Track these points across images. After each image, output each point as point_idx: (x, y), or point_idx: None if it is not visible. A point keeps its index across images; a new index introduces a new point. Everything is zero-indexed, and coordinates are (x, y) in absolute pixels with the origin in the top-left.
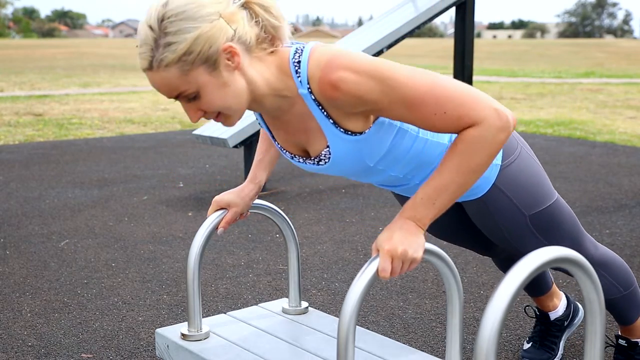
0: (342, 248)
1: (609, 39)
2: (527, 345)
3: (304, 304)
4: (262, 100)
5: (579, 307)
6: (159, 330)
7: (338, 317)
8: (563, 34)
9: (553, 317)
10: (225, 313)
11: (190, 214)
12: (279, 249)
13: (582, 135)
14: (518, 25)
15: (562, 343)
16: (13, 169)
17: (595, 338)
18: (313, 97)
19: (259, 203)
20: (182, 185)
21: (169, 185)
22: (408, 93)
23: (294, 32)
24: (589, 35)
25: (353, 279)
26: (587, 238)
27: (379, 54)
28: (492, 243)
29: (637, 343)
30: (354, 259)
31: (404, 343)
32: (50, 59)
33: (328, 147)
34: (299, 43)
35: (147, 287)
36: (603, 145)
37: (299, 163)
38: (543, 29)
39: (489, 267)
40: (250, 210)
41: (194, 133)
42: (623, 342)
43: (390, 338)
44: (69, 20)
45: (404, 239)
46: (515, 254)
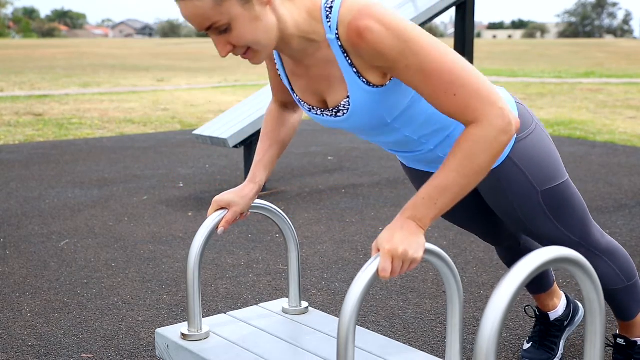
0: (342, 248)
1: (609, 39)
2: (527, 345)
3: (304, 304)
4: (289, 41)
5: (579, 306)
6: (159, 330)
7: (338, 317)
8: (563, 34)
9: (553, 317)
10: (225, 313)
11: (190, 214)
12: (279, 249)
13: (582, 135)
14: (518, 25)
15: (562, 343)
16: (13, 169)
17: (595, 338)
18: (340, 43)
19: (259, 203)
20: (182, 185)
21: (169, 185)
22: (427, 62)
23: None
24: (589, 35)
25: (353, 279)
26: (594, 224)
27: None
28: (502, 230)
29: (636, 342)
30: (354, 259)
31: (404, 343)
32: (50, 59)
33: (348, 97)
34: None
35: (147, 287)
36: (603, 145)
37: (316, 116)
38: (543, 29)
39: (489, 267)
40: (250, 210)
41: (194, 133)
42: (621, 341)
43: (390, 338)
44: (69, 20)
45: (405, 239)
46: (524, 241)
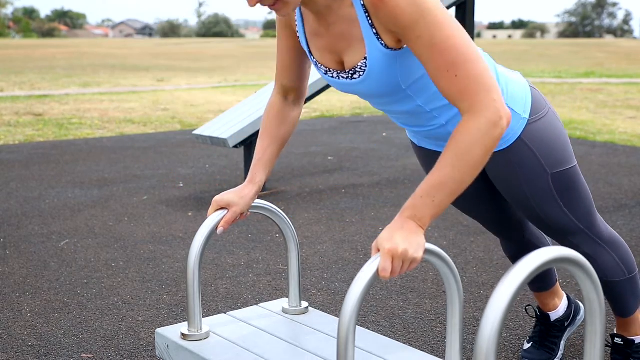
0: (342, 248)
1: (609, 39)
2: (527, 345)
3: (304, 304)
4: None
5: (580, 306)
6: (159, 330)
7: (338, 317)
8: (563, 34)
9: (553, 317)
10: (225, 313)
11: (190, 214)
12: (279, 249)
13: (582, 135)
14: (518, 25)
15: (562, 343)
16: (13, 169)
17: (595, 338)
18: (362, 2)
19: (259, 203)
20: (182, 185)
21: (169, 185)
22: (438, 38)
23: None
24: (589, 35)
25: (353, 279)
26: (598, 215)
27: None
28: (510, 218)
29: (633, 341)
30: (354, 259)
31: (404, 343)
32: (50, 59)
33: (365, 58)
34: None
35: (147, 287)
36: (603, 145)
37: (332, 79)
38: (543, 29)
39: (489, 267)
40: (250, 210)
41: (194, 133)
42: (619, 340)
43: (390, 338)
44: (69, 20)
45: (405, 239)
46: (529, 234)
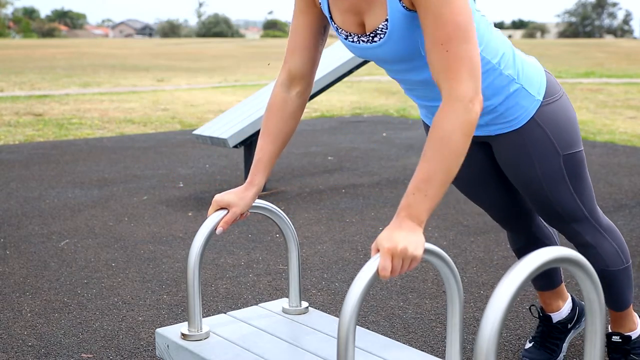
0: (342, 248)
1: (609, 39)
2: (528, 345)
3: (304, 304)
4: None
5: None
6: (159, 330)
7: (338, 317)
8: (563, 34)
9: (555, 319)
10: (225, 313)
11: (190, 214)
12: (279, 249)
13: (582, 135)
14: (518, 25)
15: (565, 344)
16: (13, 169)
17: (595, 338)
18: None
19: (259, 203)
20: (182, 185)
21: (169, 185)
22: (447, 9)
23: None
24: (589, 35)
25: (353, 279)
26: (597, 205)
27: None
28: (518, 205)
29: (630, 337)
30: (354, 259)
31: (404, 343)
32: (50, 59)
33: (386, 20)
34: None
35: (147, 287)
36: (603, 145)
37: (352, 44)
38: (543, 29)
39: (489, 267)
40: (250, 210)
41: (194, 133)
42: (617, 337)
43: (390, 338)
44: (69, 20)
45: (404, 238)
46: (536, 225)
